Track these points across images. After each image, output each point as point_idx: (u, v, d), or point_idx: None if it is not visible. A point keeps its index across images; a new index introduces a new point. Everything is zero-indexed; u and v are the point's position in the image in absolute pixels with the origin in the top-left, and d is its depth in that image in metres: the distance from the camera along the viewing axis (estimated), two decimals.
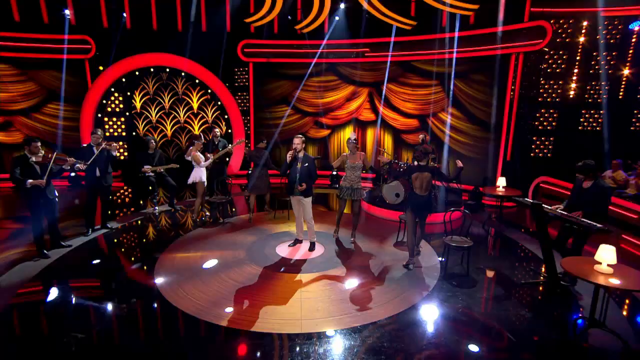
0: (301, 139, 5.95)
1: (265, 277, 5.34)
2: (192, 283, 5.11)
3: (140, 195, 10.07)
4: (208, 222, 7.76)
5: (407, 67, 11.43)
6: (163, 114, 12.58)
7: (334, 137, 12.87)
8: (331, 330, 4.08)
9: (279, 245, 6.48)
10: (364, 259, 6.04)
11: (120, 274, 5.50)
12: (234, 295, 4.80)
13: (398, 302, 4.70)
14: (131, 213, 8.49)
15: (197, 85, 12.32)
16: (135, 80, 11.94)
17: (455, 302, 4.73)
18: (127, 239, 6.91)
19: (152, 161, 8.20)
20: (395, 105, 11.78)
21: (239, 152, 12.36)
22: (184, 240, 6.83)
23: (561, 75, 9.71)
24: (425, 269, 5.68)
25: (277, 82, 12.46)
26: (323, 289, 5.02)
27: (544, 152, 10.17)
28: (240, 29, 11.84)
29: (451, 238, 5.67)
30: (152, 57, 11.44)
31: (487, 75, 10.12)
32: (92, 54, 11.18)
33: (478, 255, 6.22)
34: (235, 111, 12.30)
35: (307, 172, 5.96)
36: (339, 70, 12.21)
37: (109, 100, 11.79)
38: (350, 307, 4.56)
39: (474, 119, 10.53)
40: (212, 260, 5.89)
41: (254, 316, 4.33)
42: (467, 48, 10.11)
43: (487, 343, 3.95)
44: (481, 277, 5.52)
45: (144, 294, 4.92)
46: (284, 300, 4.70)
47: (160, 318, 4.39)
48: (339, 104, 12.40)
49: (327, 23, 11.72)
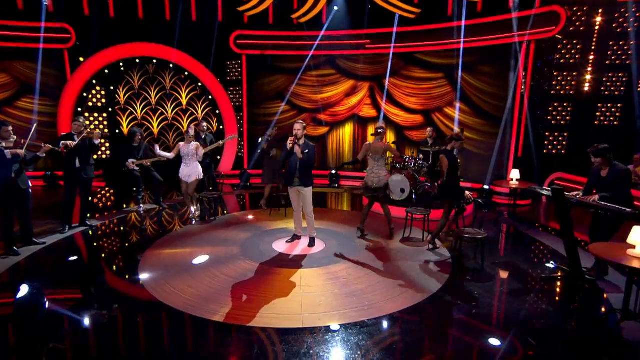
0: (302, 124, 5.86)
1: (262, 273, 5.18)
2: (180, 279, 4.94)
3: (123, 193, 9.89)
4: (196, 220, 7.59)
5: (410, 59, 11.42)
6: (149, 110, 12.44)
7: (333, 134, 12.79)
8: (335, 325, 3.92)
9: (276, 242, 6.35)
10: (369, 254, 5.92)
11: (99, 272, 5.30)
12: (228, 290, 4.64)
13: (408, 296, 4.56)
14: (114, 211, 8.30)
15: (187, 79, 12.22)
16: (119, 73, 11.81)
17: (471, 296, 4.59)
18: (108, 237, 6.72)
19: (137, 154, 8.04)
20: (398, 100, 11.74)
21: (230, 151, 12.22)
22: (171, 237, 6.67)
23: (575, 66, 9.71)
24: (436, 264, 5.54)
25: (273, 76, 12.41)
26: (325, 283, 4.87)
27: (557, 148, 10.13)
28: (232, 19, 11.80)
29: (463, 230, 5.55)
30: (137, 47, 11.30)
31: (496, 66, 10.11)
32: (72, 44, 11.02)
33: (492, 251, 6.10)
34: (227, 106, 12.19)
35: (307, 160, 5.85)
36: (338, 64, 12.18)
37: (90, 93, 11.63)
38: (356, 301, 4.40)
39: (483, 114, 10.49)
40: (202, 256, 5.74)
41: (251, 311, 4.17)
42: (475, 37, 10.12)
43: (508, 338, 3.79)
44: (497, 271, 5.40)
45: (125, 290, 4.75)
46: (282, 295, 4.55)
47: (145, 314, 4.20)
48: (338, 100, 12.35)
49: (326, 13, 11.72)
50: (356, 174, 12.29)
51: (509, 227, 7.59)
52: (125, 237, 6.70)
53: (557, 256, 5.98)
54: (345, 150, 12.75)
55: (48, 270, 5.24)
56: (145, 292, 4.60)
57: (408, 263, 5.57)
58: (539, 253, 6.25)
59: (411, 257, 5.81)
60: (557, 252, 6.16)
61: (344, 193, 10.96)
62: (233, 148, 12.31)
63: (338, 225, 7.41)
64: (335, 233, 6.88)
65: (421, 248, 6.21)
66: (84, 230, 6.89)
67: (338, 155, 12.79)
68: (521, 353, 3.55)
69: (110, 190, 10.62)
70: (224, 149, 11.90)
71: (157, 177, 8.30)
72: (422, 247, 6.25)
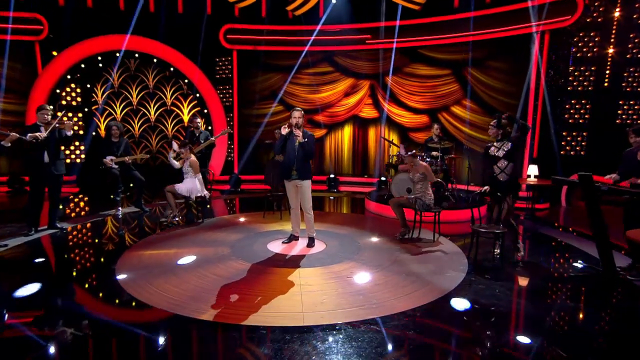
0: (301, 112, 5.80)
1: (256, 272, 5.01)
2: (164, 279, 4.75)
3: (100, 198, 9.67)
4: (181, 222, 7.40)
5: (414, 55, 11.46)
6: (130, 110, 12.34)
7: (331, 137, 12.73)
8: (341, 323, 3.73)
9: (271, 243, 6.20)
10: (375, 254, 5.78)
11: (67, 274, 5.08)
12: (218, 289, 4.46)
13: (420, 294, 4.40)
14: (87, 215, 8.09)
15: (172, 76, 12.17)
16: (97, 69, 11.71)
17: (492, 295, 4.43)
18: (81, 240, 6.49)
19: (117, 151, 7.88)
20: (402, 99, 11.74)
21: (219, 154, 12.08)
22: (153, 238, 6.51)
23: (593, 60, 9.74)
24: (448, 264, 5.39)
25: (266, 74, 12.39)
26: (327, 282, 4.70)
27: (576, 149, 10.09)
28: (222, 12, 11.83)
29: (479, 224, 5.42)
30: (118, 40, 11.18)
31: (507, 60, 10.14)
32: (44, 36, 10.84)
33: (512, 252, 5.96)
34: (217, 106, 12.13)
35: (307, 149, 5.74)
36: (336, 61, 12.21)
37: (64, 90, 11.46)
38: (362, 299, 4.23)
39: (493, 112, 10.42)
40: (188, 256, 5.55)
41: (244, 310, 3.98)
42: (484, 30, 10.16)
43: (538, 337, 3.62)
44: (518, 270, 5.26)
45: (99, 290, 4.56)
46: (280, 293, 4.37)
47: (125, 315, 3.99)
48: (337, 99, 12.33)
49: (323, 6, 11.78)
50: (357, 179, 12.19)
51: (528, 229, 7.46)
52: (100, 240, 6.48)
53: (585, 257, 5.85)
54: (344, 154, 12.68)
55: (5, 278, 4.98)
56: (124, 293, 4.39)
57: (419, 263, 5.42)
58: (564, 252, 6.15)
59: (422, 256, 5.67)
60: (584, 252, 6.04)
61: (343, 197, 10.81)
62: (222, 151, 12.18)
63: (339, 227, 7.29)
64: (337, 234, 6.74)
65: (433, 247, 6.09)
66: (53, 233, 6.64)
67: (336, 160, 12.71)
68: (551, 354, 3.37)
69: (84, 197, 10.37)
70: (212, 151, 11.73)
71: (139, 177, 8.12)
72: (434, 246, 6.11)
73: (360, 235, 6.70)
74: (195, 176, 7.27)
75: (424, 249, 5.98)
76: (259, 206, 8.70)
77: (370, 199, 8.88)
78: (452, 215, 7.73)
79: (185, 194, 7.16)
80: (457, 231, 7.07)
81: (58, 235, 6.58)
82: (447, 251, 5.96)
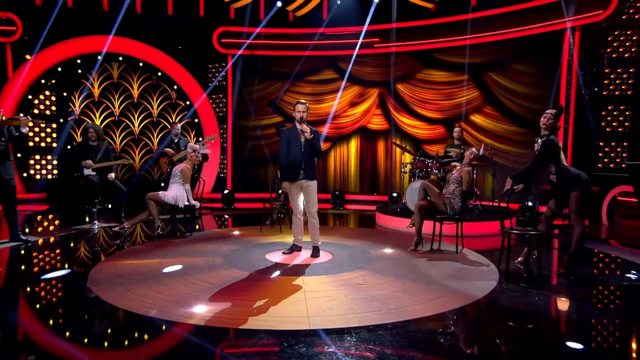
0: (306, 105, 5.76)
1: (253, 280, 4.86)
2: (146, 286, 4.56)
3: (73, 208, 9.47)
4: (164, 233, 7.25)
5: (428, 59, 11.56)
6: (111, 122, 12.33)
7: (335, 151, 12.70)
8: (355, 327, 3.53)
9: (270, 253, 6.04)
10: (390, 263, 5.64)
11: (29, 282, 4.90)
12: (210, 295, 4.27)
13: (447, 300, 4.21)
14: (56, 229, 7.97)
15: (160, 82, 12.19)
16: (76, 75, 11.72)
17: (530, 302, 4.26)
18: (48, 253, 6.31)
19: (95, 156, 7.78)
20: (414, 109, 11.78)
21: (210, 169, 11.98)
22: (133, 249, 6.38)
23: (632, 62, 9.71)
24: (476, 272, 5.22)
25: (264, 81, 12.49)
26: (336, 289, 4.52)
27: (616, 161, 9.94)
28: (216, 14, 12.01)
29: (511, 227, 5.26)
30: (99, 41, 11.18)
31: (533, 62, 10.21)
32: (17, 37, 10.86)
33: (548, 262, 5.80)
34: (209, 115, 12.17)
35: (315, 145, 5.74)
36: (341, 67, 12.28)
37: (37, 98, 11.40)
38: (377, 305, 4.06)
39: (518, 120, 10.46)
40: (175, 265, 5.37)
41: (240, 314, 3.80)
42: (505, 29, 10.24)
43: (588, 343, 3.43)
44: (560, 280, 5.06)
45: (66, 298, 4.39)
46: (281, 299, 4.19)
47: (98, 319, 3.81)
48: (341, 109, 12.35)
49: (327, 7, 11.95)
50: (365, 197, 12.05)
51: (563, 243, 7.28)
52: (71, 252, 6.34)
53: (635, 266, 5.69)
54: (351, 169, 12.62)
55: None
56: (98, 300, 4.20)
57: (442, 271, 5.25)
58: (613, 264, 6.04)
59: (445, 265, 5.53)
60: (636, 264, 5.86)
61: (350, 214, 10.67)
62: (214, 166, 12.10)
63: (347, 239, 7.15)
64: (345, 246, 6.61)
65: (456, 256, 5.96)
66: (15, 246, 6.42)
67: (342, 176, 12.63)
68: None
69: (54, 214, 10.15)
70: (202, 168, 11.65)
71: (120, 186, 7.99)
72: (457, 256, 5.94)
73: (371, 247, 6.54)
74: (183, 185, 7.14)
75: (446, 259, 5.82)
76: (255, 221, 8.51)
77: (382, 211, 8.72)
78: (476, 227, 7.56)
79: (171, 202, 7.00)
80: (482, 246, 6.87)
81: (23, 247, 6.37)
82: (473, 260, 5.80)
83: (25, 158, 11.22)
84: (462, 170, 6.26)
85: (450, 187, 6.33)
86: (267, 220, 8.19)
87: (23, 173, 11.07)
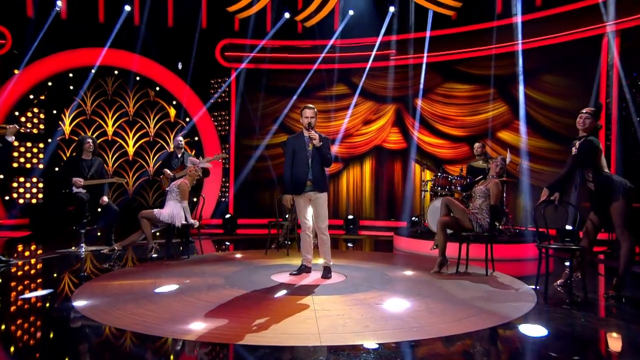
0: (314, 110, 5.73)
1: (257, 298, 4.79)
2: (136, 305, 4.46)
3: (59, 231, 9.39)
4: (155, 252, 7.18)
5: (449, 71, 11.61)
6: (104, 142, 12.42)
7: (348, 173, 12.65)
8: (372, 343, 3.39)
9: (276, 275, 5.94)
10: (411, 284, 5.55)
11: None
12: (207, 312, 4.17)
13: (478, 320, 4.06)
14: (39, 252, 7.95)
15: (158, 97, 12.28)
16: (67, 91, 11.83)
17: (575, 323, 4.11)
18: (28, 274, 6.26)
19: (87, 171, 7.76)
20: (435, 126, 11.76)
21: (212, 191, 11.93)
22: (123, 271, 6.33)
23: None
24: (509, 294, 5.06)
25: (270, 97, 12.56)
26: (350, 308, 4.40)
27: None
28: (220, 26, 12.19)
29: (548, 243, 5.10)
30: (93, 54, 11.39)
31: (567, 72, 10.13)
32: (6, 50, 10.99)
33: (595, 285, 5.62)
34: (210, 133, 12.25)
35: (322, 156, 5.64)
36: (354, 81, 12.34)
37: (24, 115, 11.47)
38: (398, 323, 3.95)
39: (552, 136, 10.32)
40: (170, 285, 5.27)
41: (241, 331, 3.68)
42: (535, 38, 10.24)
43: None
44: (610, 303, 4.88)
45: (49, 315, 4.29)
46: (287, 316, 4.09)
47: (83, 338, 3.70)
48: (354, 127, 12.34)
49: (338, 17, 12.09)
50: (381, 223, 11.90)
51: (610, 268, 7.07)
52: (55, 274, 6.28)
53: None
54: (365, 193, 12.55)
55: None
56: (83, 317, 4.10)
57: (470, 292, 5.11)
58: None
59: (474, 286, 5.40)
60: None
61: (365, 239, 10.55)
62: (215, 189, 12.07)
63: (362, 262, 7.09)
64: (360, 268, 6.52)
65: (486, 279, 5.80)
66: None
67: (355, 201, 12.55)
68: None
69: (37, 238, 10.06)
70: (202, 188, 11.60)
71: (112, 206, 7.95)
72: (487, 279, 5.78)
73: (389, 269, 6.45)
74: (180, 202, 7.08)
75: (475, 282, 5.66)
76: (260, 245, 8.39)
77: (401, 234, 8.60)
78: (508, 250, 7.38)
79: (167, 220, 6.94)
80: (515, 271, 6.67)
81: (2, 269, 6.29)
82: (506, 283, 5.63)
83: (8, 180, 11.20)
84: (489, 182, 6.13)
85: (476, 202, 6.19)
86: (272, 244, 8.06)
87: (5, 196, 11.03)
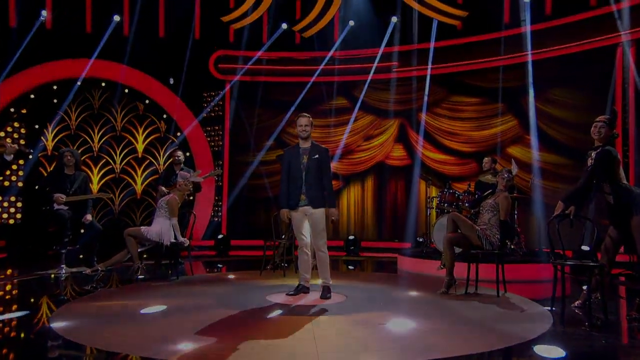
0: (309, 118, 5.71)
1: (250, 317, 4.73)
2: (120, 326, 4.41)
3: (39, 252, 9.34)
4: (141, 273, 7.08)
5: (454, 84, 11.66)
6: (89, 158, 12.35)
7: (349, 192, 12.63)
8: None
9: (271, 295, 5.85)
10: (417, 305, 5.60)
11: None
12: (196, 332, 4.07)
13: (489, 340, 3.99)
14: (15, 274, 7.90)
15: (147, 112, 12.27)
16: (50, 106, 11.78)
17: (596, 345, 4.06)
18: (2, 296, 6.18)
19: (70, 187, 7.69)
20: (441, 141, 11.76)
21: (203, 211, 11.86)
22: (106, 292, 6.29)
23: None
24: (522, 315, 5.02)
25: (266, 111, 12.60)
26: (351, 328, 4.36)
27: None
28: (213, 37, 12.27)
29: (564, 260, 5.03)
30: (79, 65, 11.43)
31: (579, 84, 10.16)
32: None
33: (615, 306, 5.62)
34: (203, 149, 12.24)
35: (318, 168, 5.60)
36: (354, 94, 12.38)
37: (4, 129, 11.37)
38: (405, 344, 3.90)
39: (564, 151, 10.32)
40: (157, 306, 5.19)
41: (232, 351, 3.59)
42: (545, 48, 10.29)
43: None
44: (633, 325, 4.80)
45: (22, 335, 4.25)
46: (282, 336, 4.02)
47: None
48: (354, 143, 12.36)
49: (338, 28, 12.18)
50: (384, 245, 11.82)
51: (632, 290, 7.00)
52: (33, 296, 6.22)
53: None
54: (367, 213, 12.51)
55: None
56: (60, 338, 4.01)
57: (480, 312, 5.05)
58: None
59: (484, 307, 5.33)
60: None
61: (367, 260, 10.54)
62: (207, 209, 12.00)
63: (364, 282, 7.11)
64: (362, 288, 6.51)
65: (497, 299, 5.71)
66: None
67: (356, 221, 12.51)
68: None
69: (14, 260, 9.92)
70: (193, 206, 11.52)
71: (95, 224, 7.86)
72: (498, 300, 5.70)
73: (393, 290, 6.54)
74: (169, 218, 7.01)
75: (485, 302, 5.58)
76: (254, 266, 8.30)
77: (405, 255, 8.57)
78: (520, 271, 7.29)
79: (155, 238, 6.85)
80: (528, 293, 6.58)
81: None
82: (518, 304, 5.54)
83: None
84: (499, 195, 6.08)
85: (484, 216, 6.13)
86: (267, 265, 7.97)
87: None
